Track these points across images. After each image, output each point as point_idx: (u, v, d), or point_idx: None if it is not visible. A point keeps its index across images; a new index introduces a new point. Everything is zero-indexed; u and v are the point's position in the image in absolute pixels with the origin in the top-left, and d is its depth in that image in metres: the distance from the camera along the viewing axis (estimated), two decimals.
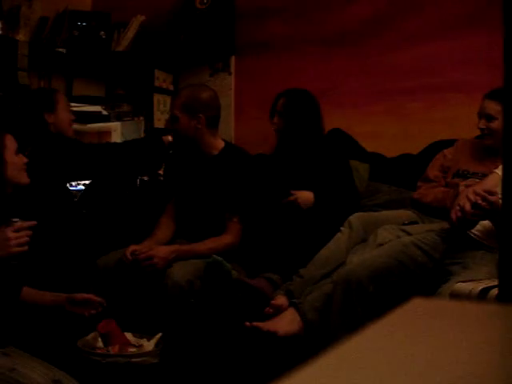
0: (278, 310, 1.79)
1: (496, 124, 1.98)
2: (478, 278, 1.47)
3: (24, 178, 1.62)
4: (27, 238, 1.39)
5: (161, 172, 2.99)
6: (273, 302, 1.81)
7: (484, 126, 2.03)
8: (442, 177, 2.15)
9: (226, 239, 2.09)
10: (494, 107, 1.98)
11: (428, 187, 2.15)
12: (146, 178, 2.87)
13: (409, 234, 1.87)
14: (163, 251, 1.95)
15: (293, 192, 2.16)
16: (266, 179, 2.27)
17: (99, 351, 1.68)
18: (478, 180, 1.96)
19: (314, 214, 2.16)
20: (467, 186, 1.80)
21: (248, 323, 1.70)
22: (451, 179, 2.11)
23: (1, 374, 1.22)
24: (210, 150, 2.20)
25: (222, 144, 2.23)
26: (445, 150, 2.23)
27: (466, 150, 2.15)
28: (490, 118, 2.01)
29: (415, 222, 2.05)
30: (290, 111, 2.32)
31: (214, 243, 2.06)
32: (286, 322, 1.74)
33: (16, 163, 1.59)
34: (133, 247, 1.97)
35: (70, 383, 1.32)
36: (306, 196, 2.17)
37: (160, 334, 1.77)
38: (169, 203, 2.31)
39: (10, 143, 1.59)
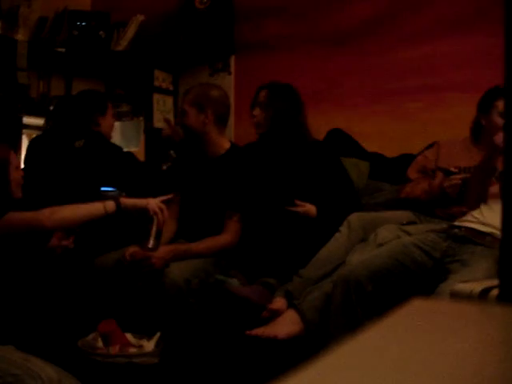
0: (275, 314, 1.78)
1: None
2: (477, 277, 1.47)
3: (18, 193, 1.66)
4: None
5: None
6: (270, 305, 1.80)
7: None
8: (422, 177, 2.18)
9: (224, 238, 2.08)
10: None
11: (412, 185, 2.17)
12: None
13: (409, 234, 1.88)
14: (161, 251, 1.95)
15: (298, 202, 2.11)
16: (268, 180, 2.26)
17: (99, 351, 1.68)
18: None
19: (315, 221, 2.15)
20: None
21: (248, 332, 1.70)
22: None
23: (16, 363, 1.23)
24: (216, 149, 2.21)
25: (228, 144, 2.24)
26: (425, 152, 2.24)
27: (452, 147, 2.17)
28: None
29: (414, 223, 2.05)
30: (273, 103, 2.24)
31: (212, 242, 2.06)
32: (286, 324, 1.73)
33: (17, 179, 1.64)
34: (132, 249, 1.97)
35: (73, 381, 1.33)
36: (309, 209, 2.12)
37: (159, 334, 1.77)
38: (171, 202, 2.31)
39: (13, 159, 1.63)
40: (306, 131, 2.27)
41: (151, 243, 1.84)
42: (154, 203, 1.77)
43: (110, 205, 1.67)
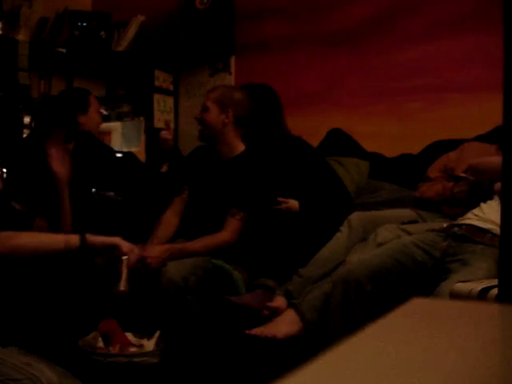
0: (275, 312, 1.78)
1: None
2: (476, 277, 1.47)
3: None
4: None
5: (162, 171, 2.99)
6: (269, 303, 1.80)
7: None
8: (442, 177, 2.17)
9: (222, 236, 2.08)
10: None
11: (428, 185, 2.19)
12: None
13: (409, 233, 1.88)
14: (156, 251, 1.96)
15: (280, 199, 2.14)
16: (271, 182, 2.27)
17: (100, 351, 1.68)
18: None
19: (309, 218, 2.16)
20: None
21: (247, 331, 1.70)
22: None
23: (17, 367, 1.23)
24: (230, 150, 2.22)
25: (242, 147, 2.25)
26: (449, 153, 2.25)
27: (473, 150, 2.17)
28: None
29: (415, 222, 2.05)
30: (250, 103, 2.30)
31: (209, 240, 2.06)
32: (285, 324, 1.73)
33: None
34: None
35: (74, 382, 1.33)
36: (291, 205, 2.16)
37: (158, 332, 1.77)
38: (176, 196, 2.30)
39: None
40: (285, 129, 2.35)
41: (122, 286, 1.68)
42: (126, 243, 1.63)
43: (74, 239, 1.53)
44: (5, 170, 2.21)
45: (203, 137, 2.27)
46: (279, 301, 1.82)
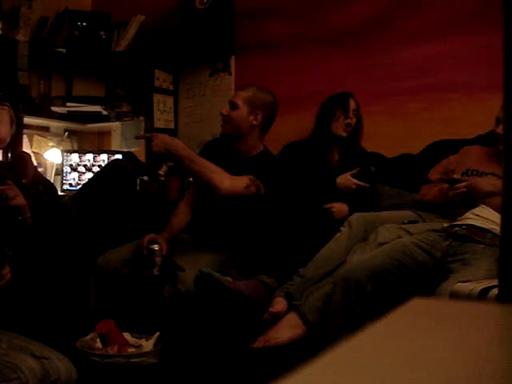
0: (277, 317, 1.77)
1: None
2: (477, 277, 1.47)
3: None
4: None
5: (161, 172, 2.98)
6: (271, 309, 1.79)
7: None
8: (440, 180, 2.19)
9: (223, 177, 2.04)
10: None
11: (427, 188, 2.20)
12: (145, 178, 2.86)
13: (409, 233, 1.87)
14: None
15: (326, 206, 2.25)
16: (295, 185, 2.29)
17: (98, 352, 1.68)
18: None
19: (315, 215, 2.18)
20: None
21: (251, 345, 1.68)
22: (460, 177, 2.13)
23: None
24: (249, 149, 2.21)
25: (262, 148, 2.25)
26: (450, 156, 2.26)
27: (474, 153, 2.17)
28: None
29: (415, 222, 2.05)
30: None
31: (213, 168, 2.03)
32: (289, 328, 1.72)
33: None
34: (149, 236, 2.04)
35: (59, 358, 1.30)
36: (341, 208, 2.26)
37: (158, 334, 1.77)
38: (188, 190, 2.37)
39: None
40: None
41: (156, 270, 1.97)
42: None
43: None
44: None
45: (225, 134, 2.24)
46: (280, 304, 1.80)
